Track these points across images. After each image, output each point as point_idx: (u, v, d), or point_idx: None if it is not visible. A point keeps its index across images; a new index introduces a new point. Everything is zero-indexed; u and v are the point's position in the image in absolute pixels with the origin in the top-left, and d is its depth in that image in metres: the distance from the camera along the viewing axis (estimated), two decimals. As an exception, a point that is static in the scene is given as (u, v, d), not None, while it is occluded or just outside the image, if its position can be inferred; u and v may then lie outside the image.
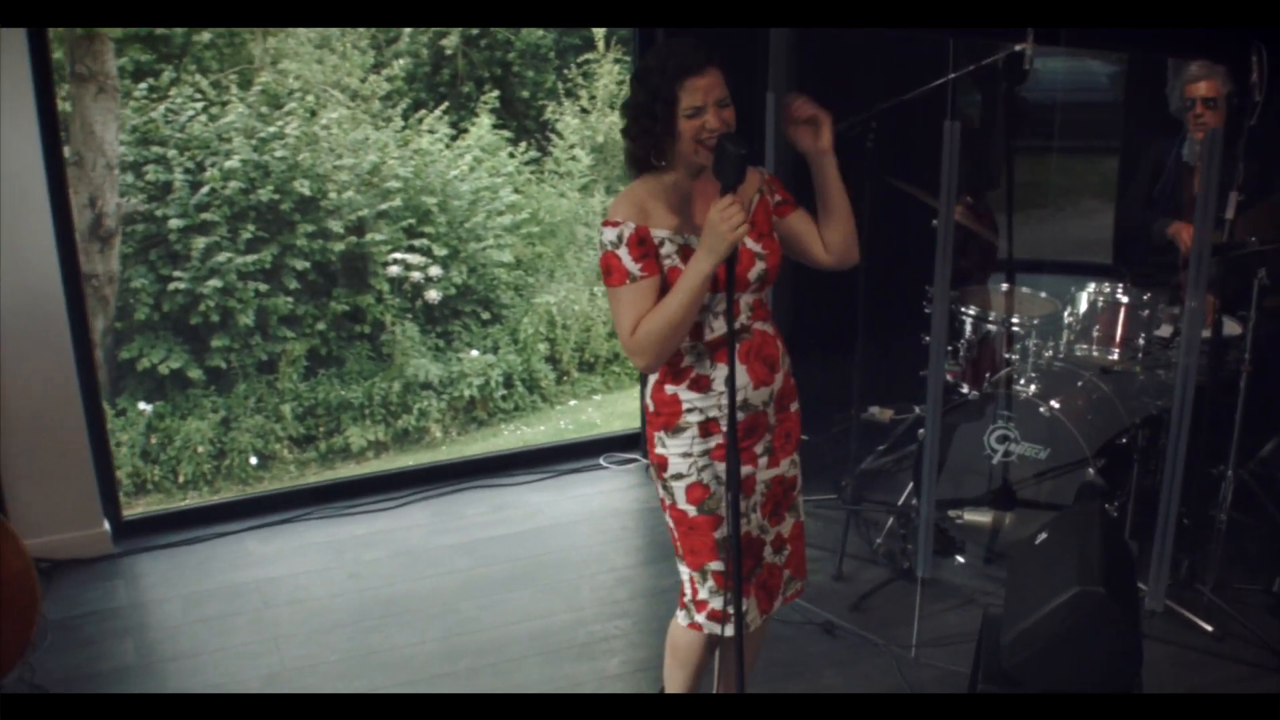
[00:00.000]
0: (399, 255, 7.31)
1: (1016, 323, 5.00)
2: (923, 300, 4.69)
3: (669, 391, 3.17)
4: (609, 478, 5.81)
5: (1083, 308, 4.97)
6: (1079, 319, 4.98)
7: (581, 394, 7.81)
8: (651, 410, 3.22)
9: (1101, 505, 3.81)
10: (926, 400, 4.52)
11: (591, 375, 7.90)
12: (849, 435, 5.24)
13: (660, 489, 3.27)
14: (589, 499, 5.58)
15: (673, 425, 3.18)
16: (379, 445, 7.17)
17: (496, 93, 7.95)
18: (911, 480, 5.08)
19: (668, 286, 3.03)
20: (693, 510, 3.21)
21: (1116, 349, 4.86)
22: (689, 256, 3.02)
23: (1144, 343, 4.83)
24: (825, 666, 4.27)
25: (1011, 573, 3.82)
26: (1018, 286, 5.22)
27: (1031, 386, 4.72)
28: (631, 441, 5.96)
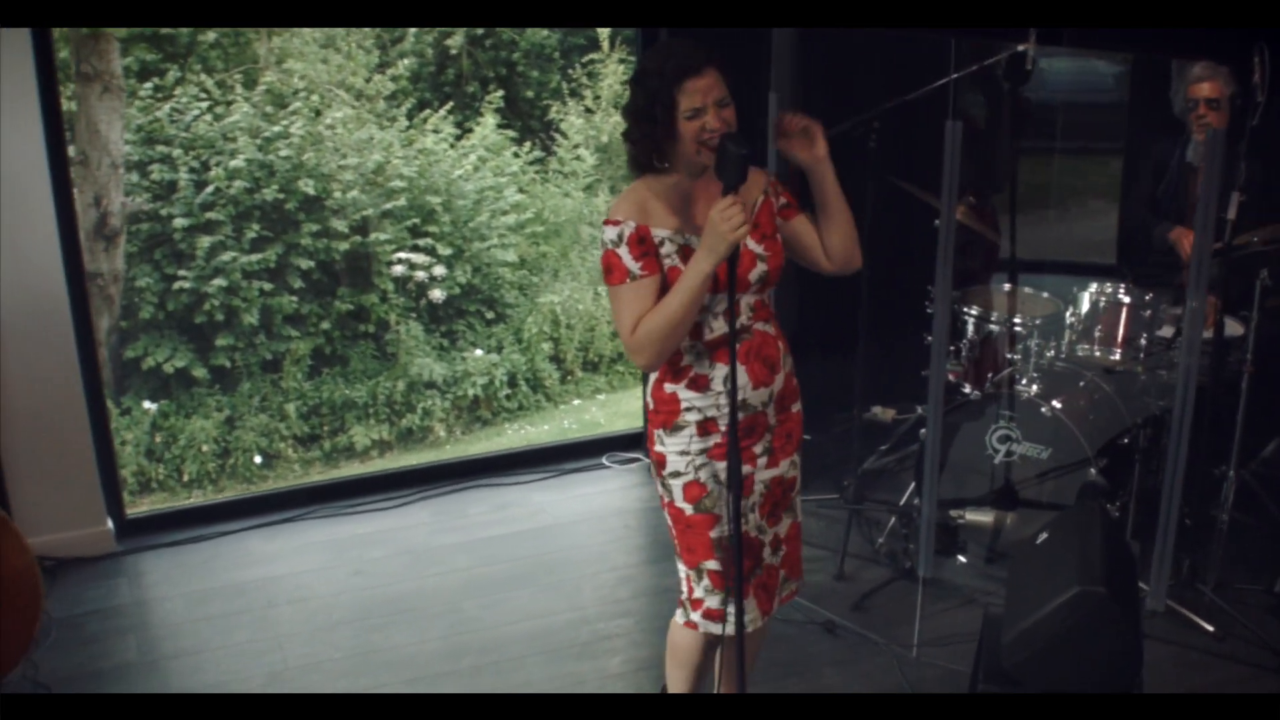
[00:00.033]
0: (403, 255, 7.30)
1: (1018, 323, 5.00)
2: (925, 300, 4.69)
3: (668, 390, 3.17)
4: (611, 477, 5.82)
5: (1085, 308, 4.97)
6: (1081, 319, 4.98)
7: (585, 393, 7.80)
8: (651, 408, 3.23)
9: (1103, 505, 3.80)
10: (928, 400, 4.53)
11: (595, 375, 7.89)
12: (851, 435, 5.24)
13: (659, 486, 3.28)
14: (591, 498, 5.59)
15: (671, 423, 3.18)
16: (383, 444, 7.17)
17: (501, 92, 7.93)
18: (913, 480, 5.08)
19: (668, 286, 3.03)
20: (690, 509, 3.21)
21: (1118, 349, 4.86)
22: (689, 257, 3.02)
23: (1146, 343, 4.83)
24: (826, 666, 4.28)
25: (1012, 572, 3.81)
26: (1020, 287, 5.22)
27: (1033, 386, 4.72)
28: (634, 441, 5.97)
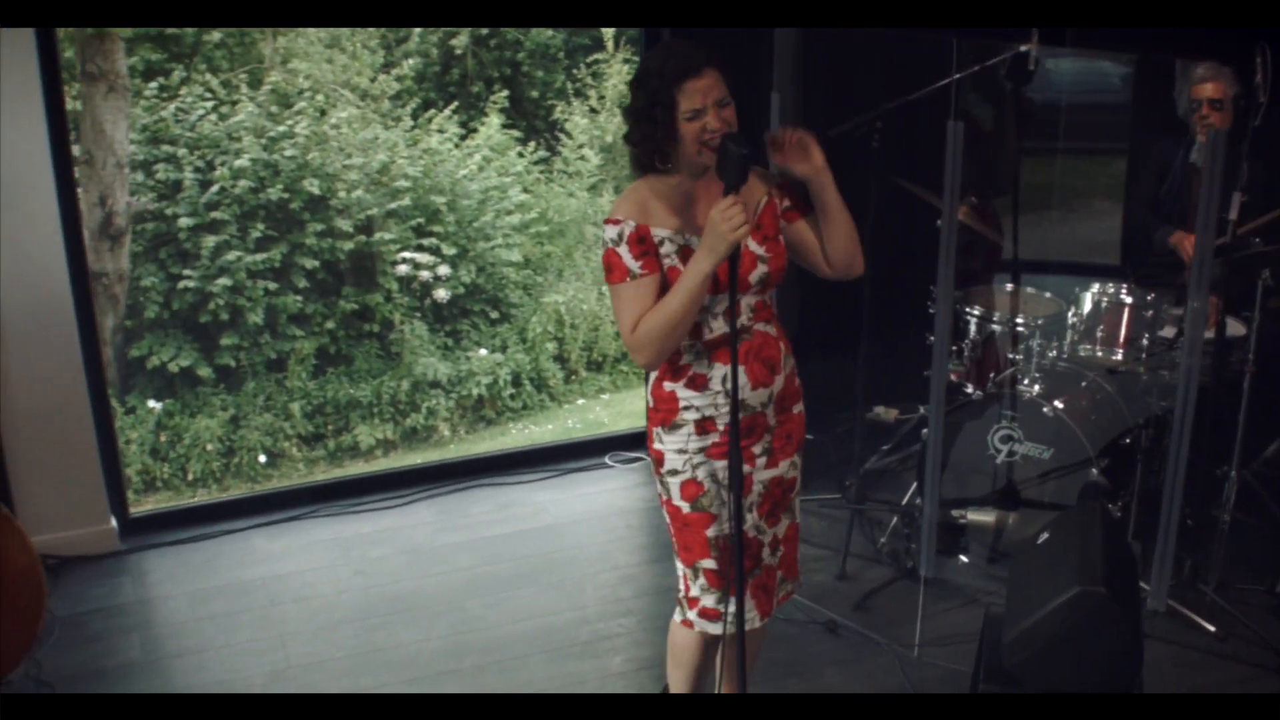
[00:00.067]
0: (408, 254, 7.31)
1: (1021, 323, 5.00)
2: (927, 300, 4.70)
3: (667, 388, 3.18)
4: (614, 476, 5.82)
5: (1087, 308, 4.98)
6: (1083, 319, 4.98)
7: (590, 393, 7.80)
8: (651, 406, 3.24)
9: (1103, 505, 3.81)
10: (930, 400, 4.53)
11: (599, 374, 7.89)
12: (853, 435, 5.24)
13: (658, 484, 3.29)
14: (594, 497, 5.60)
15: (670, 421, 3.19)
16: (387, 444, 7.18)
17: (506, 92, 7.94)
18: (915, 480, 5.08)
19: (668, 286, 3.04)
20: (687, 507, 3.22)
21: (1120, 349, 4.87)
22: (688, 257, 3.03)
23: (1148, 343, 4.83)
24: (828, 665, 4.28)
25: (1013, 572, 3.81)
26: (1022, 287, 5.22)
27: (1035, 387, 4.72)
28: (637, 440, 5.97)
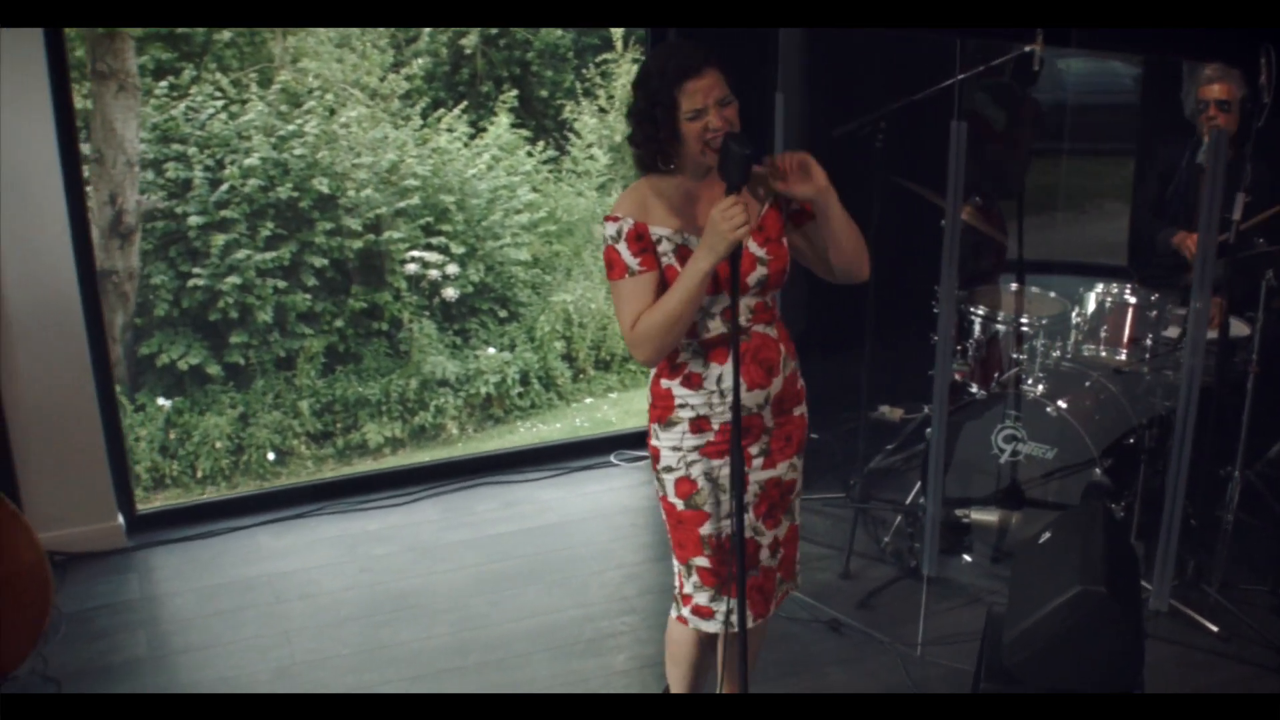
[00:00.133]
0: (417, 253, 7.33)
1: (1025, 323, 5.00)
2: (931, 300, 4.70)
3: (664, 385, 3.20)
4: (619, 475, 5.83)
5: (1091, 308, 4.97)
6: (1087, 319, 4.98)
7: (598, 392, 7.81)
8: (650, 402, 3.26)
9: (1105, 505, 3.81)
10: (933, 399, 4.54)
11: (607, 373, 7.90)
12: (858, 434, 5.25)
13: (656, 480, 3.30)
14: (599, 496, 5.61)
15: (665, 419, 3.21)
16: (396, 442, 7.19)
17: (515, 92, 7.96)
18: (919, 479, 5.08)
19: (666, 284, 3.05)
20: (681, 504, 3.24)
21: (1124, 349, 4.87)
22: (686, 257, 3.03)
23: (1152, 343, 4.83)
24: (831, 664, 4.29)
25: (1015, 571, 3.81)
26: (1027, 286, 5.22)
27: (1039, 386, 4.72)
28: (642, 439, 5.94)
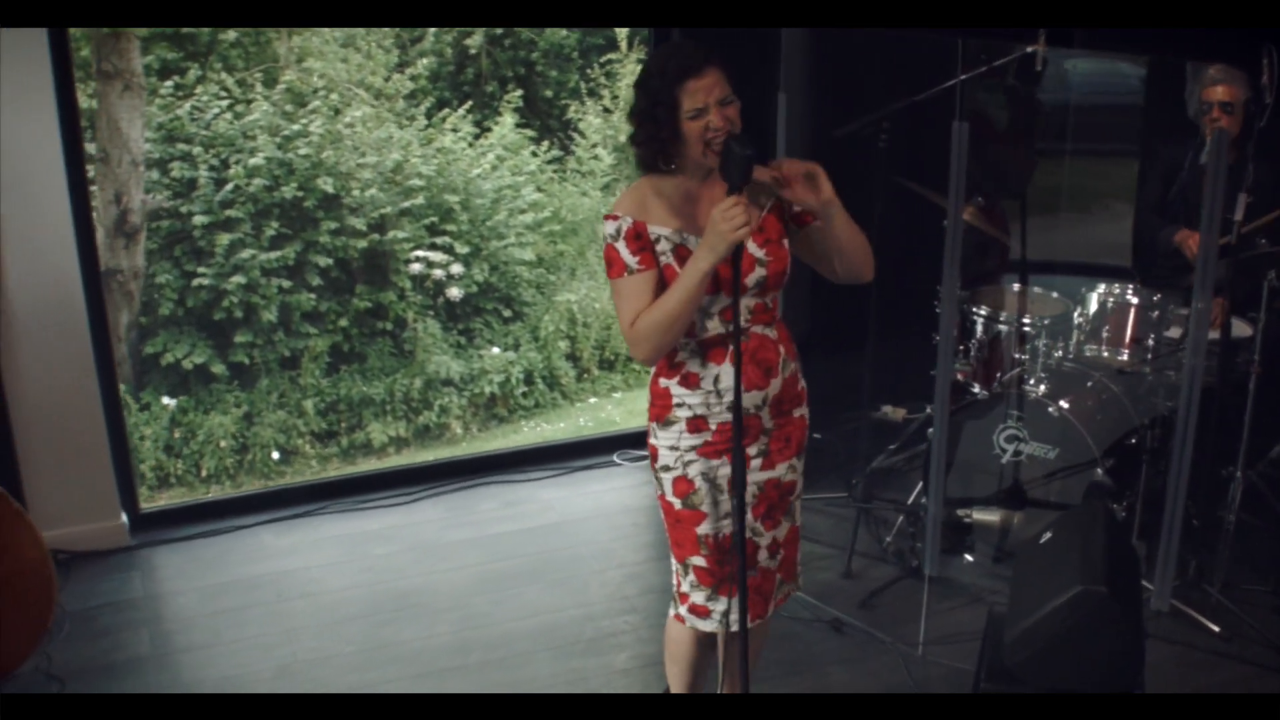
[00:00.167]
0: (421, 253, 7.34)
1: (1027, 323, 5.00)
2: (934, 300, 4.70)
3: (662, 384, 3.20)
4: (621, 474, 5.84)
5: (1093, 308, 4.97)
6: (1089, 320, 4.98)
7: (602, 391, 7.82)
8: (649, 401, 3.26)
9: (1107, 505, 3.81)
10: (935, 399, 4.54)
11: (612, 373, 7.91)
12: (860, 433, 5.25)
13: (655, 478, 3.31)
14: (601, 495, 5.62)
15: (663, 418, 3.21)
16: (400, 441, 7.20)
17: (520, 92, 7.97)
18: (921, 479, 5.08)
19: (665, 283, 3.05)
20: (678, 503, 3.24)
21: (1126, 350, 4.87)
22: (685, 257, 3.04)
23: (1154, 344, 4.82)
24: (832, 663, 4.29)
25: (1016, 571, 3.82)
26: (1029, 286, 5.22)
27: (1041, 386, 4.71)
28: (644, 439, 5.97)
